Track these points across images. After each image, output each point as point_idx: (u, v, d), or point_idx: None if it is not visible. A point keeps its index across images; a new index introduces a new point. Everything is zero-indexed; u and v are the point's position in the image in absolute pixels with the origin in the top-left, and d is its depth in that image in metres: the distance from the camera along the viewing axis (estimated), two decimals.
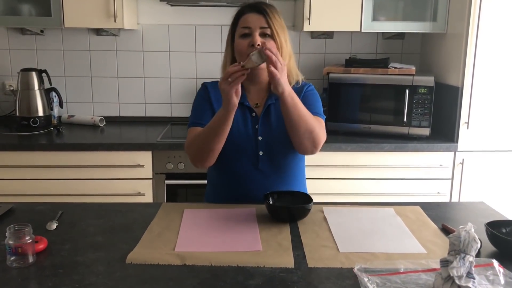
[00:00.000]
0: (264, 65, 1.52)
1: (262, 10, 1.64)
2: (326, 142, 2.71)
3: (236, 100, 1.50)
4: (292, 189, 1.70)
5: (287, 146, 1.70)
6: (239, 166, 1.71)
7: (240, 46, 1.64)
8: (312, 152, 1.68)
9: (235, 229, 1.45)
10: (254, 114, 1.73)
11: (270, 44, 1.62)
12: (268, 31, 1.62)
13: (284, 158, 1.73)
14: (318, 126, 1.64)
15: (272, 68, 1.47)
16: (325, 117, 1.77)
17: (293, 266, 1.22)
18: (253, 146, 1.70)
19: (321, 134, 1.66)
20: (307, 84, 1.80)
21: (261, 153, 1.70)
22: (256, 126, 1.71)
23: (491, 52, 2.61)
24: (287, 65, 1.63)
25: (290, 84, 1.65)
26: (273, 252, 1.29)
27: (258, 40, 1.61)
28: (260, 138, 1.70)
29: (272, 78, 1.48)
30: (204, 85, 1.82)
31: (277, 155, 1.71)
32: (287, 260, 1.25)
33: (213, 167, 1.78)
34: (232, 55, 1.70)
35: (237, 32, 1.67)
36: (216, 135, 1.58)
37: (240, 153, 1.70)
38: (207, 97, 1.76)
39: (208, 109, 1.74)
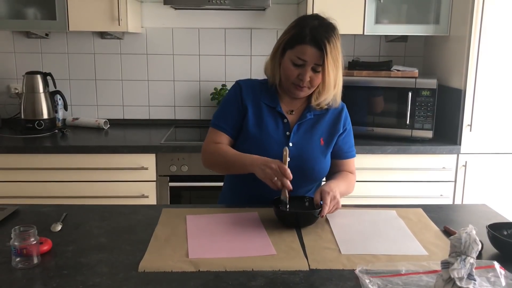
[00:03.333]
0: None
1: (323, 47, 1.57)
2: None
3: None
4: (310, 195, 1.69)
5: (317, 157, 1.72)
6: None
7: (289, 72, 1.64)
8: None
9: (244, 234, 1.44)
10: (286, 120, 1.73)
11: (318, 80, 1.63)
12: (319, 68, 1.61)
13: (311, 167, 1.71)
14: (353, 183, 1.82)
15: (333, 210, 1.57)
16: (355, 151, 1.86)
17: (308, 269, 1.23)
18: (281, 151, 1.65)
19: (354, 185, 1.83)
20: (343, 106, 1.83)
21: (289, 159, 1.65)
22: (288, 133, 1.72)
23: (494, 55, 2.61)
24: (334, 92, 1.69)
25: (331, 106, 1.76)
26: (286, 256, 1.29)
27: (308, 76, 1.61)
28: (291, 144, 1.70)
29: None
30: (238, 83, 1.78)
31: (305, 164, 1.70)
32: (302, 263, 1.25)
33: None
34: (279, 66, 1.68)
35: (291, 53, 1.62)
36: (233, 171, 1.71)
37: (267, 156, 1.64)
38: (239, 96, 1.74)
39: (234, 111, 1.73)
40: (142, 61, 3.22)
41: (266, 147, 1.68)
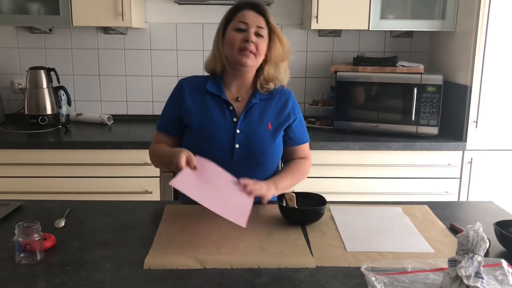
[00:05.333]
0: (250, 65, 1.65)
1: (261, 10, 1.64)
2: (333, 140, 2.74)
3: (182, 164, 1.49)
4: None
5: (266, 142, 1.72)
6: (212, 157, 1.64)
7: (233, 39, 1.64)
8: None
9: (232, 196, 1.48)
10: (231, 107, 1.72)
11: (262, 45, 1.64)
12: (262, 32, 1.63)
13: (260, 152, 1.71)
14: (307, 169, 1.83)
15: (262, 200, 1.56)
16: (308, 136, 1.88)
17: (313, 266, 1.22)
18: (229, 139, 1.68)
19: (309, 170, 1.85)
20: (290, 93, 1.82)
21: (237, 146, 1.68)
22: (234, 119, 1.71)
23: (500, 51, 2.59)
24: (280, 67, 1.70)
25: (274, 86, 1.75)
26: (292, 253, 1.29)
27: (253, 37, 1.62)
28: (238, 131, 1.69)
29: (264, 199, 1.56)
30: (180, 83, 1.80)
31: (254, 150, 1.70)
32: (307, 260, 1.24)
33: None
34: (222, 46, 1.70)
35: (231, 25, 1.67)
36: (168, 167, 1.62)
37: (215, 145, 1.67)
38: (181, 96, 1.74)
39: (175, 113, 1.74)
40: (145, 57, 3.21)
41: (213, 136, 1.68)
